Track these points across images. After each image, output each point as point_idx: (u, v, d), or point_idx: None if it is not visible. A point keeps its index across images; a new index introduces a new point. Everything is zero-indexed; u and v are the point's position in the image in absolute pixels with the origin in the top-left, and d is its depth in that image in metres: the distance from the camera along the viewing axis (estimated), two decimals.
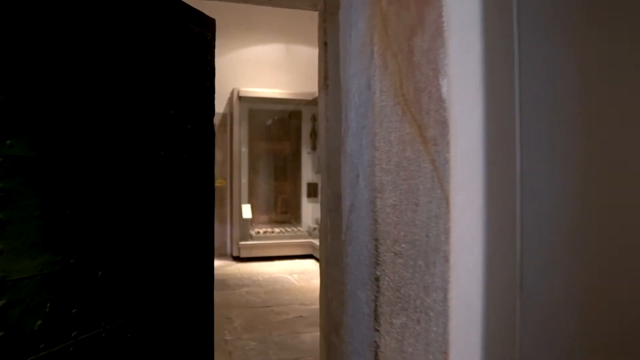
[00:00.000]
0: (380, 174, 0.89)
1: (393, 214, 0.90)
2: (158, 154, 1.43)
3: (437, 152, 0.94)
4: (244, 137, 6.00)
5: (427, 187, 0.94)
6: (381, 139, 0.89)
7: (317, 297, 4.05)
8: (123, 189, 1.28)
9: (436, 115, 0.94)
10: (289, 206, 6.29)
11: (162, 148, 1.44)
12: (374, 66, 0.91)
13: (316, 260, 5.68)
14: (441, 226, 0.94)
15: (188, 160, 1.55)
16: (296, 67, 6.29)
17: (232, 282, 4.60)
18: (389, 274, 0.91)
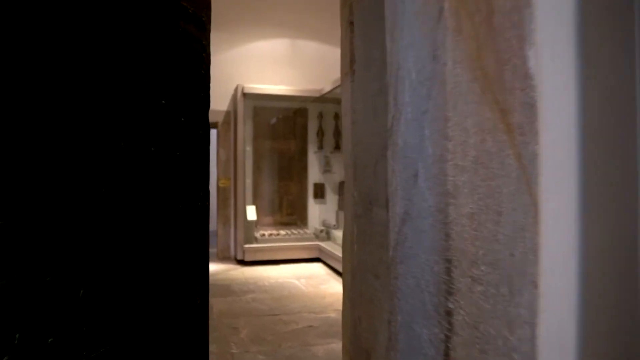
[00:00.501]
0: (453, 173, 0.67)
1: (470, 226, 0.68)
2: (148, 150, 1.19)
3: (524, 144, 0.71)
4: (249, 135, 5.78)
5: (511, 189, 0.71)
6: (455, 126, 0.67)
7: (327, 304, 3.83)
8: (108, 191, 1.05)
9: (522, 95, 0.71)
10: (294, 207, 6.07)
11: (153, 143, 1.21)
12: (443, 28, 0.68)
13: (324, 263, 5.46)
14: (528, 241, 0.72)
15: (182, 158, 1.31)
16: (302, 63, 6.07)
17: (236, 287, 4.37)
18: (465, 307, 0.68)
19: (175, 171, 1.29)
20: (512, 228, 0.71)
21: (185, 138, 1.36)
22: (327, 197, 6.14)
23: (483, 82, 0.70)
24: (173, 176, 1.29)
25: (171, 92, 1.32)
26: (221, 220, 5.84)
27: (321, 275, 4.95)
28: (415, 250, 0.77)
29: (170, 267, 1.31)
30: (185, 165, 1.36)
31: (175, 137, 1.32)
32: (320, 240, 5.64)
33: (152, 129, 1.20)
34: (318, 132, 6.01)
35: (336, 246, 5.32)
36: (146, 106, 1.18)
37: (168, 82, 1.26)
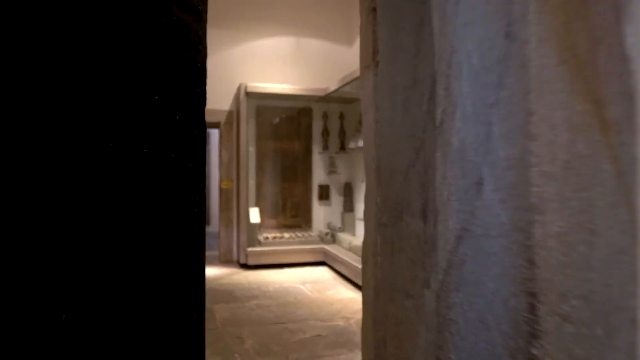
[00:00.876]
0: (540, 182, 0.52)
1: (560, 250, 0.53)
2: (140, 152, 1.04)
3: (622, 146, 0.56)
4: (252, 135, 5.62)
5: (607, 202, 0.56)
6: (541, 121, 0.52)
7: (335, 311, 3.68)
8: (94, 198, 0.89)
9: (619, 83, 0.56)
10: (299, 210, 5.92)
11: (144, 144, 1.05)
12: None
13: (329, 267, 5.30)
14: (626, 268, 0.56)
15: (176, 161, 1.14)
16: (307, 62, 5.92)
17: (240, 293, 4.22)
18: (553, 352, 0.53)
19: (170, 175, 1.14)
20: (608, 251, 0.56)
21: (180, 138, 1.20)
22: (332, 199, 5.99)
23: (573, 65, 0.55)
24: (167, 181, 1.13)
25: (165, 86, 1.16)
26: (223, 223, 5.69)
27: (327, 280, 4.80)
28: (479, 277, 0.62)
29: (163, 282, 1.15)
30: (180, 168, 1.20)
31: (170, 137, 1.17)
32: (326, 244, 5.49)
33: (144, 128, 1.04)
34: (323, 132, 5.86)
35: (342, 249, 5.17)
36: (137, 102, 1.02)
37: (161, 75, 1.10)
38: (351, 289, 4.39)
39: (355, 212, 5.75)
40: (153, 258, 1.09)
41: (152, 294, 1.10)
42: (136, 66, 1.04)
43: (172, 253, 1.19)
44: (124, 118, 0.99)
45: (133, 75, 1.02)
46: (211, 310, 3.67)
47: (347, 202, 5.83)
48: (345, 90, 5.17)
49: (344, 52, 6.06)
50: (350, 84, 4.80)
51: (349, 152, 5.63)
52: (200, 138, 1.34)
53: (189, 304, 1.25)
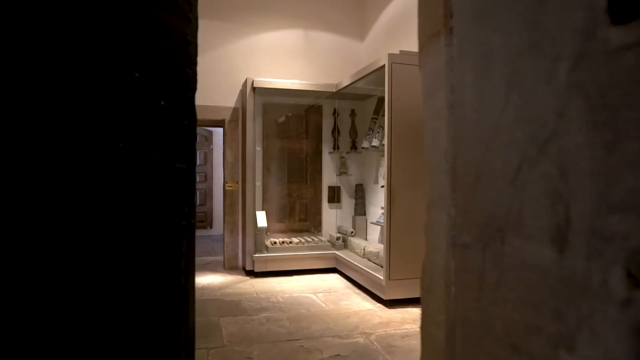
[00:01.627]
0: None
1: None
2: (115, 147, 0.74)
3: None
4: (259, 134, 5.30)
5: None
6: None
7: (353, 326, 3.36)
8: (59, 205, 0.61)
9: None
10: (308, 213, 5.59)
11: (121, 136, 0.74)
12: None
13: (341, 274, 4.98)
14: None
15: (161, 159, 0.82)
16: (316, 56, 5.61)
17: (247, 304, 3.90)
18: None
19: (152, 178, 0.82)
20: None
21: (165, 130, 0.88)
22: (343, 202, 5.66)
23: None
24: (148, 185, 0.81)
25: (145, 62, 0.84)
26: (228, 227, 5.37)
27: (340, 288, 4.48)
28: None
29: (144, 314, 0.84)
30: (165, 169, 0.87)
31: (152, 128, 0.84)
32: (337, 249, 5.16)
33: (118, 115, 0.74)
34: (333, 131, 5.54)
35: (355, 256, 4.85)
36: (107, 80, 0.71)
37: (140, 47, 0.77)
38: (367, 299, 4.07)
39: (367, 216, 5.43)
40: (127, 286, 0.78)
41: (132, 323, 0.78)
42: (109, 34, 0.71)
43: (153, 279, 0.87)
44: (89, 100, 0.67)
45: (104, 46, 0.70)
46: (217, 325, 3.35)
47: (358, 205, 5.51)
48: (357, 86, 4.86)
49: (355, 46, 5.74)
50: (365, 79, 4.48)
51: (361, 151, 5.31)
52: (190, 131, 1.00)
53: (173, 346, 0.92)
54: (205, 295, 4.20)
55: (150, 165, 0.76)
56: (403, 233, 3.80)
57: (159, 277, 0.84)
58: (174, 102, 0.86)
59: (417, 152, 3.84)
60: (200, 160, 8.47)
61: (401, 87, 3.77)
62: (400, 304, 3.84)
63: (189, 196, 0.92)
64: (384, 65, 3.82)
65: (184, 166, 0.81)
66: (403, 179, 3.80)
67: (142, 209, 0.76)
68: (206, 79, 5.23)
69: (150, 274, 0.81)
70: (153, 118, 0.81)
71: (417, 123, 3.89)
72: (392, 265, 3.78)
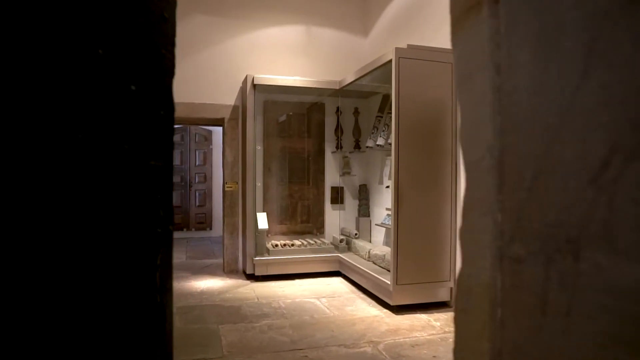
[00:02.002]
0: None
1: None
2: (72, 139, 0.55)
3: None
4: (259, 133, 5.13)
5: None
6: None
7: (359, 334, 3.19)
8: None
9: None
10: (310, 214, 5.42)
11: (79, 126, 0.56)
12: None
13: (344, 278, 4.81)
14: None
15: (131, 155, 0.62)
16: (318, 53, 5.44)
17: (247, 310, 3.73)
18: None
19: (121, 177, 0.64)
20: None
21: (137, 121, 0.70)
22: (346, 203, 5.49)
23: None
24: (116, 185, 0.64)
25: (112, 37, 0.66)
26: (228, 229, 5.20)
27: (344, 293, 4.31)
28: None
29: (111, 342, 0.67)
30: (136, 167, 0.70)
31: (121, 118, 0.66)
32: (340, 252, 4.99)
33: (77, 102, 0.57)
34: (336, 130, 5.37)
35: (359, 259, 4.68)
36: (66, 58, 0.55)
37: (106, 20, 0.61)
38: (373, 305, 3.90)
39: (371, 217, 5.26)
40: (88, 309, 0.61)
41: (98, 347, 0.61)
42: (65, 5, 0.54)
43: (120, 298, 0.70)
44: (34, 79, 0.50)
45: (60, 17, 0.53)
46: (216, 333, 3.18)
47: (362, 206, 5.34)
48: (361, 83, 4.69)
49: (358, 42, 5.58)
50: (370, 75, 4.31)
51: (364, 151, 5.14)
52: (166, 123, 0.81)
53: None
54: (204, 300, 4.03)
55: (118, 162, 0.59)
56: (411, 236, 3.63)
57: (129, 296, 0.67)
58: (147, 88, 0.69)
59: (425, 151, 3.67)
60: (199, 160, 8.30)
61: (409, 82, 3.61)
62: (408, 310, 3.67)
63: (166, 199, 0.75)
64: (390, 60, 3.65)
65: (160, 164, 0.65)
66: (411, 179, 3.63)
67: (107, 214, 0.59)
68: (205, 76, 5.06)
69: (118, 292, 0.64)
70: (120, 105, 0.63)
71: (426, 120, 3.73)
72: (399, 270, 3.61)
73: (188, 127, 8.09)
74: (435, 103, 3.70)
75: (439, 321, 3.45)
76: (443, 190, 3.73)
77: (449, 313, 3.64)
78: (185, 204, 8.26)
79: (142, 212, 0.69)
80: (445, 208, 3.73)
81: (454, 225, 3.75)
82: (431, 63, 3.68)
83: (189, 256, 6.29)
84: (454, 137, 3.75)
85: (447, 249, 3.74)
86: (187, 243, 7.52)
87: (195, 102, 5.03)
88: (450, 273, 3.75)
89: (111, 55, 0.63)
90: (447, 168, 3.74)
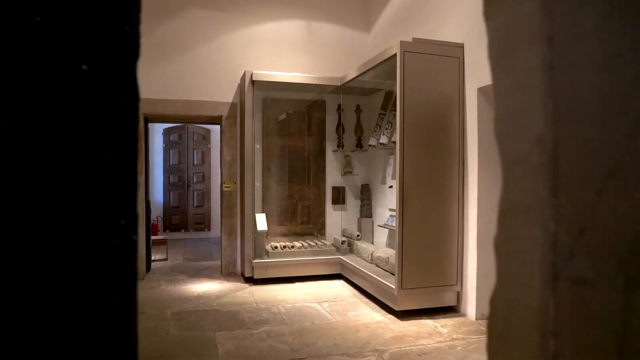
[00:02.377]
0: None
1: None
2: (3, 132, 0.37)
3: None
4: (258, 131, 4.98)
5: None
6: None
7: (363, 341, 3.03)
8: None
9: None
10: (310, 215, 5.26)
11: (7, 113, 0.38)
12: None
13: (346, 281, 4.66)
14: None
15: (82, 150, 0.42)
16: (319, 49, 5.28)
17: (246, 316, 3.57)
18: None
19: (66, 176, 0.46)
20: None
21: (89, 109, 0.54)
22: (347, 203, 5.33)
23: None
24: (65, 186, 0.47)
25: (54, 3, 0.48)
26: (226, 231, 5.04)
27: (346, 297, 4.15)
28: None
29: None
30: (88, 164, 0.53)
31: (69, 104, 0.49)
32: (342, 254, 4.84)
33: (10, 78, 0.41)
34: (338, 128, 5.21)
35: (362, 261, 4.53)
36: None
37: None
38: (376, 310, 3.74)
39: (374, 218, 5.10)
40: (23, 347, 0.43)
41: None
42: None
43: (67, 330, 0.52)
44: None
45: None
46: (212, 340, 3.02)
47: (364, 207, 5.18)
48: (364, 80, 4.53)
49: (360, 38, 5.42)
50: (373, 71, 4.15)
51: (367, 149, 4.98)
52: (129, 112, 0.65)
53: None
54: (201, 305, 3.87)
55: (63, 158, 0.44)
56: (416, 237, 3.47)
57: (79, 328, 0.52)
58: (103, 69, 0.53)
59: (431, 149, 3.51)
60: (198, 160, 8.14)
61: (414, 78, 3.45)
62: (413, 315, 3.52)
63: (128, 203, 0.59)
64: (395, 54, 3.49)
65: (119, 161, 0.49)
66: (416, 179, 3.47)
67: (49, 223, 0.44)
68: (202, 73, 4.90)
69: (64, 322, 0.49)
70: (66, 87, 0.48)
71: (432, 117, 3.58)
72: (404, 273, 3.45)
73: (186, 126, 7.93)
74: (441, 99, 3.54)
75: (446, 327, 3.30)
76: (450, 190, 3.57)
77: (456, 318, 3.49)
78: (183, 205, 8.11)
79: (95, 220, 0.54)
80: (452, 208, 3.58)
81: (461, 226, 3.60)
82: (438, 57, 3.52)
83: (187, 258, 6.13)
84: (461, 135, 3.59)
85: (454, 251, 3.58)
86: (185, 244, 7.36)
87: (191, 99, 4.87)
88: (457, 277, 3.59)
89: (52, 24, 0.48)
90: (454, 167, 3.58)
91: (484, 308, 3.49)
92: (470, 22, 3.54)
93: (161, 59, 4.81)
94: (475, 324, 3.37)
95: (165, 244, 6.16)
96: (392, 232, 4.62)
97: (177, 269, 5.40)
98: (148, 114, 4.83)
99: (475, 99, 3.48)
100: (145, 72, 4.78)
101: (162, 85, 4.78)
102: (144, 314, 3.62)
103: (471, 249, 3.53)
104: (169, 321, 3.43)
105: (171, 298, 4.10)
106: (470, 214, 3.55)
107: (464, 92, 3.59)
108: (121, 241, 0.61)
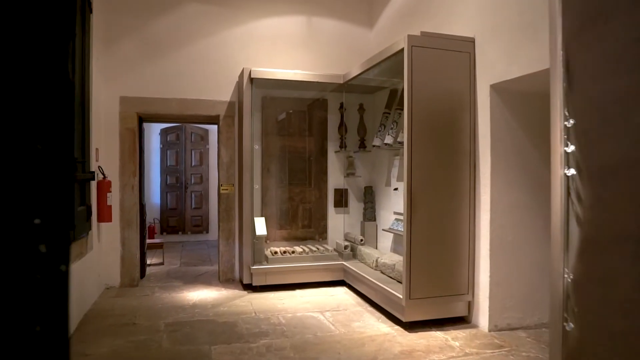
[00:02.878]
0: None
1: None
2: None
3: None
4: (257, 131, 4.77)
5: None
6: None
7: (369, 356, 2.82)
8: None
9: None
10: (312, 219, 5.05)
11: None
12: None
13: (349, 288, 4.44)
14: None
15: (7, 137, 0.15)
16: (320, 45, 5.07)
17: (244, 327, 3.36)
18: None
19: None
20: None
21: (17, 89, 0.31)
22: (350, 206, 5.12)
23: None
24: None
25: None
26: (223, 235, 4.83)
27: (350, 305, 3.94)
28: None
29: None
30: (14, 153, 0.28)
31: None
32: (345, 260, 4.62)
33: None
34: (340, 128, 5.00)
35: (366, 267, 4.32)
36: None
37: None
38: (382, 320, 3.52)
39: (378, 222, 4.89)
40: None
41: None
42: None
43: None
44: None
45: None
46: (207, 355, 2.81)
47: (368, 210, 4.97)
48: (367, 77, 4.32)
49: (363, 34, 5.21)
50: (377, 68, 3.94)
51: (370, 150, 4.77)
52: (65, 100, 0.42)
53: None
54: (196, 315, 3.66)
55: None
56: (425, 244, 3.26)
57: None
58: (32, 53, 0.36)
59: (440, 150, 3.30)
60: (195, 160, 7.92)
61: (422, 74, 3.24)
62: (422, 327, 3.30)
63: (52, 222, 0.39)
64: (402, 49, 3.28)
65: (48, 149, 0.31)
66: (425, 182, 3.26)
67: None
68: (199, 70, 4.69)
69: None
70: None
71: (442, 115, 3.36)
72: (413, 282, 3.24)
73: (184, 126, 7.72)
74: (451, 97, 3.33)
75: (458, 340, 3.08)
76: (460, 193, 3.36)
77: (467, 330, 3.27)
78: (181, 206, 7.89)
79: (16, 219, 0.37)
80: (463, 213, 3.36)
81: (472, 231, 3.38)
82: (447, 52, 3.31)
83: (183, 262, 5.91)
84: (472, 135, 3.38)
85: (465, 258, 3.37)
86: (182, 247, 7.15)
87: (188, 97, 4.66)
88: (469, 285, 3.38)
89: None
90: (464, 168, 3.37)
91: (496, 319, 3.28)
92: (481, 15, 3.32)
93: (156, 56, 4.60)
94: (488, 337, 3.16)
95: (161, 247, 5.95)
96: (397, 237, 4.41)
97: (173, 274, 5.19)
98: (142, 113, 4.62)
99: (487, 96, 3.27)
100: (140, 69, 4.57)
101: (157, 84, 4.57)
102: (136, 325, 3.41)
103: (483, 256, 3.32)
104: (162, 333, 3.22)
105: (165, 307, 3.88)
106: (482, 219, 3.34)
107: (475, 89, 3.38)
108: (41, 277, 0.44)
